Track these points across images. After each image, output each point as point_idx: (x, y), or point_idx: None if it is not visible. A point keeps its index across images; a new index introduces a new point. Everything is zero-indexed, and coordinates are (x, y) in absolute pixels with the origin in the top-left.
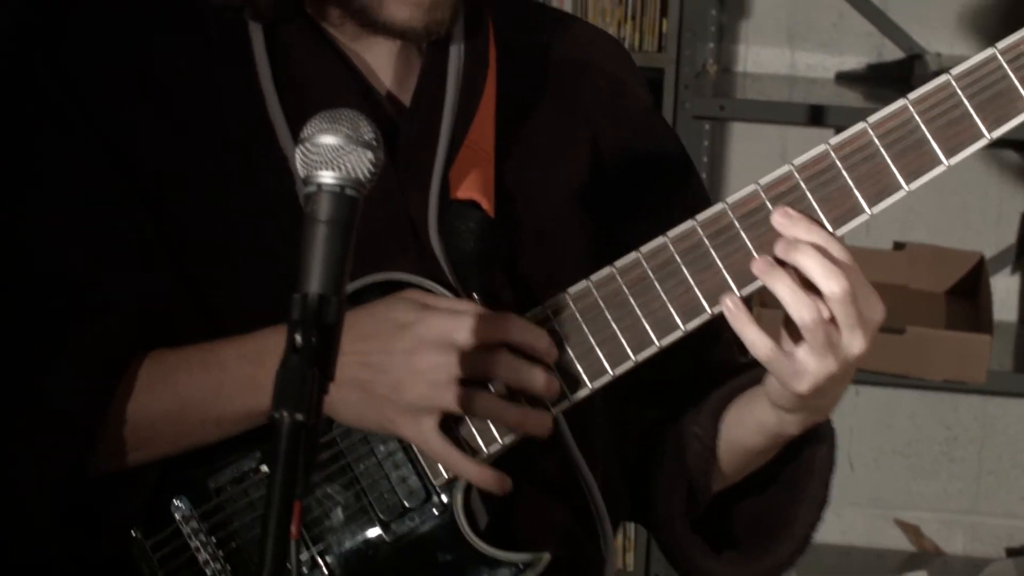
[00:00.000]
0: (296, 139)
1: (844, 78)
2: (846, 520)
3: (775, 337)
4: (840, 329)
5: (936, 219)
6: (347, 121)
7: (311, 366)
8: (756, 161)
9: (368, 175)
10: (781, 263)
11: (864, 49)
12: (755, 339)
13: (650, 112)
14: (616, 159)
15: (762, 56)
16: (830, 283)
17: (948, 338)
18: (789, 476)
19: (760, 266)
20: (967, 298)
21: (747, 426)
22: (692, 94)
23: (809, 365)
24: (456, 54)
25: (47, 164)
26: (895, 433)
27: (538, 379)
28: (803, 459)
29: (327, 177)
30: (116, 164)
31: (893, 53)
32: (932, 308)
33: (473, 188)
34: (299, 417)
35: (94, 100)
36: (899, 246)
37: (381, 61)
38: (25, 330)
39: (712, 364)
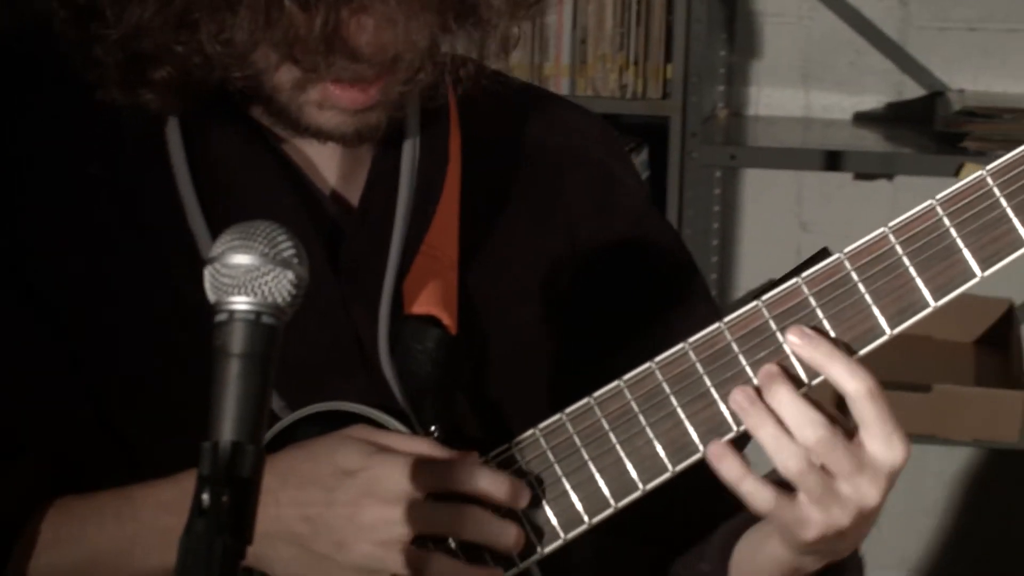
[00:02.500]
0: None
1: (863, 119)
2: None
3: None
4: (836, 478)
5: None
6: (263, 236)
7: (221, 532)
8: (771, 210)
9: (288, 298)
10: None
11: (883, 87)
12: (752, 491)
13: (644, 207)
14: (602, 265)
15: (775, 98)
16: (804, 431)
17: (978, 395)
18: None
19: (739, 401)
20: (997, 348)
21: (760, 563)
22: (700, 142)
23: (812, 515)
24: (411, 149)
25: None
26: (924, 493)
27: (507, 536)
28: None
29: (240, 303)
30: (23, 291)
31: (914, 91)
32: (960, 361)
33: (431, 301)
34: None
35: None
36: None
37: (324, 156)
38: None
39: (718, 487)
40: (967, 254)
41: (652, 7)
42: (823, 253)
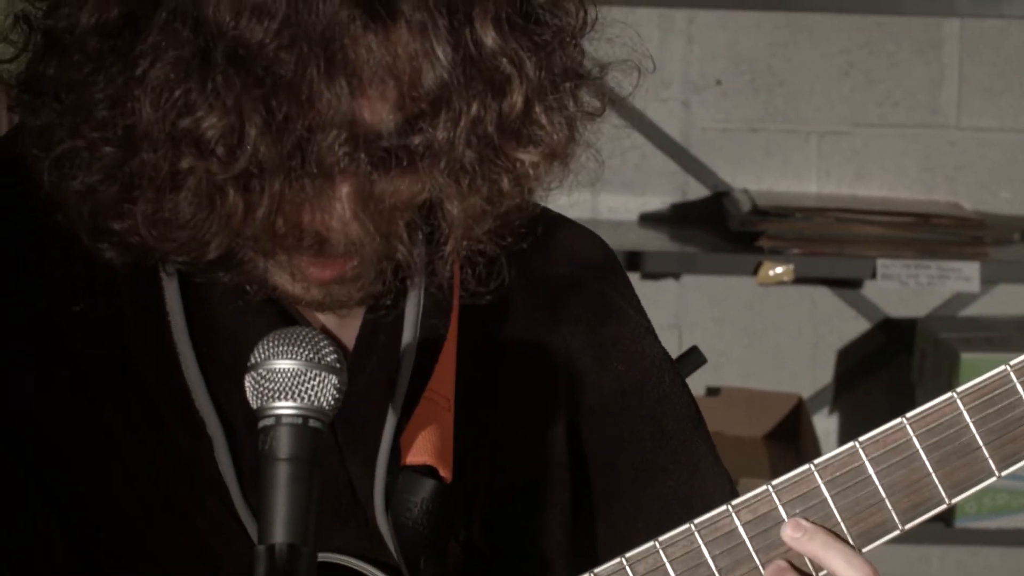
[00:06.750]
0: (213, 398)
1: (649, 219)
2: None
3: None
4: None
5: (749, 361)
6: (306, 343)
7: None
8: None
9: (332, 402)
10: None
11: (668, 189)
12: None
13: (643, 345)
14: (601, 411)
15: (563, 201)
16: None
17: None
18: None
19: None
20: (787, 442)
21: None
22: None
23: None
24: (415, 295)
25: None
26: None
27: None
28: None
29: (287, 408)
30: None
31: (698, 191)
32: (752, 454)
33: (427, 450)
34: None
35: None
36: (713, 391)
37: None
38: None
39: None
40: (986, 452)
41: None
42: (693, 351)
